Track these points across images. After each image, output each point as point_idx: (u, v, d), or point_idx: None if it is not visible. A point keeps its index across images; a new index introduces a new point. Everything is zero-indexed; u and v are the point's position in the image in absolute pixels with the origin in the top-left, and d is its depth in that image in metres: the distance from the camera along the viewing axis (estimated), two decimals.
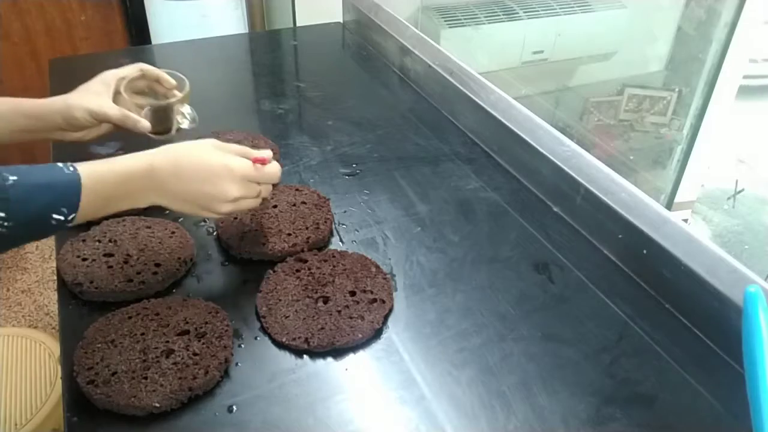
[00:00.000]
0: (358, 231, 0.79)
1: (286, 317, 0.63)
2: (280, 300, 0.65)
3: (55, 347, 1.17)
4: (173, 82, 0.80)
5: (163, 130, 0.79)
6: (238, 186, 0.61)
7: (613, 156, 2.13)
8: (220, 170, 0.60)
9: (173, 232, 0.73)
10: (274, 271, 0.69)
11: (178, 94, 0.80)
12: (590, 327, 0.66)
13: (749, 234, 2.18)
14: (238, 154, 0.62)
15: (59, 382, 1.09)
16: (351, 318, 0.63)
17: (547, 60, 2.03)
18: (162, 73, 0.79)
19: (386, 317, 0.65)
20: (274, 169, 0.64)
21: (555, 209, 0.84)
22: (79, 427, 0.54)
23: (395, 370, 0.60)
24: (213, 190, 0.60)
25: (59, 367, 0.71)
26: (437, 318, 0.66)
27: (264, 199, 0.66)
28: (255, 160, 0.62)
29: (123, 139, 0.94)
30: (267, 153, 0.64)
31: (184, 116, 0.79)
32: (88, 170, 0.55)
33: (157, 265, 0.68)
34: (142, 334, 0.60)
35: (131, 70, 0.79)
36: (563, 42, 2.00)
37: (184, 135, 0.77)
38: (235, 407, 0.56)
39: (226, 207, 0.61)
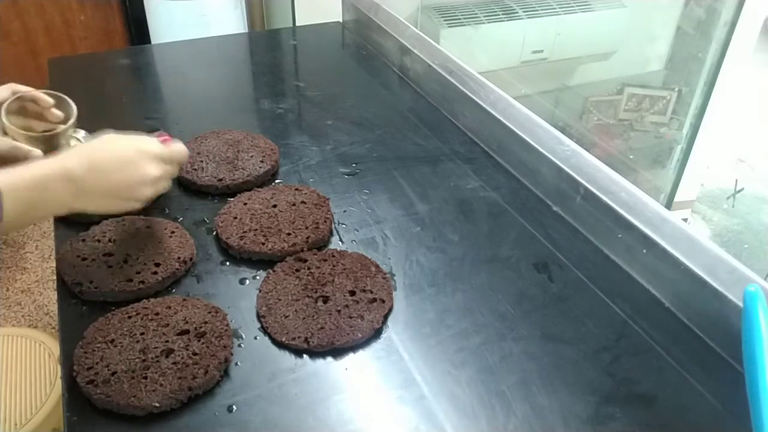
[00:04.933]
0: (357, 230, 0.79)
1: (286, 317, 0.63)
2: (279, 299, 0.65)
3: (54, 347, 1.17)
4: (50, 101, 0.74)
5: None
6: (156, 165, 0.62)
7: (613, 155, 2.13)
8: (136, 154, 0.61)
9: (173, 232, 0.73)
10: (273, 271, 0.69)
11: (58, 113, 0.75)
12: (590, 326, 0.66)
13: (749, 233, 2.17)
14: (141, 138, 0.63)
15: (59, 382, 1.09)
16: (351, 317, 0.63)
17: (547, 59, 2.03)
18: (38, 93, 0.74)
19: (386, 317, 0.65)
20: (181, 146, 0.66)
21: (555, 209, 0.84)
22: (79, 427, 0.54)
23: (395, 370, 0.60)
24: (135, 175, 0.61)
25: (59, 367, 0.71)
26: (437, 317, 0.66)
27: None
28: (160, 137, 0.64)
29: None
30: (164, 134, 0.65)
31: (77, 140, 0.76)
32: (3, 177, 0.54)
33: (157, 264, 0.68)
34: (142, 333, 0.60)
35: (4, 93, 0.73)
36: (563, 41, 2.00)
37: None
38: (234, 407, 0.56)
39: (149, 190, 0.62)
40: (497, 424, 0.55)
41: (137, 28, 1.92)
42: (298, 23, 1.69)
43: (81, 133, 0.77)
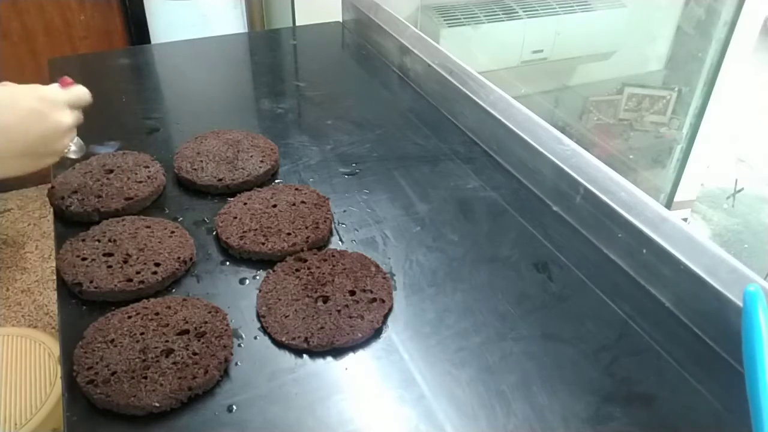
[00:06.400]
0: (357, 230, 0.79)
1: (286, 317, 0.63)
2: (279, 299, 0.65)
3: (54, 347, 1.17)
4: None
5: None
6: (67, 112, 0.57)
7: (613, 155, 2.13)
8: (43, 105, 0.55)
9: (173, 232, 0.73)
10: (273, 271, 0.69)
11: None
12: (590, 326, 0.66)
13: (749, 233, 2.17)
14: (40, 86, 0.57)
15: (59, 381, 1.09)
16: (351, 317, 0.63)
17: (547, 59, 2.03)
18: None
19: (386, 317, 0.65)
20: (83, 88, 0.60)
21: (555, 208, 0.84)
22: (79, 427, 0.54)
23: (395, 370, 0.60)
24: (48, 128, 0.55)
25: (59, 367, 0.72)
26: (437, 317, 0.66)
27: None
28: (62, 83, 0.58)
29: (123, 138, 0.94)
30: (66, 78, 0.59)
31: (70, 146, 0.72)
32: None
33: (157, 264, 0.68)
34: (142, 333, 0.60)
35: None
36: (563, 41, 2.00)
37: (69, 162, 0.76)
38: (234, 407, 0.56)
39: (65, 141, 0.57)
40: (497, 424, 0.55)
41: (137, 28, 1.92)
42: (298, 23, 1.69)
43: (75, 139, 0.74)
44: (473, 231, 0.79)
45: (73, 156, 0.74)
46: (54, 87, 0.57)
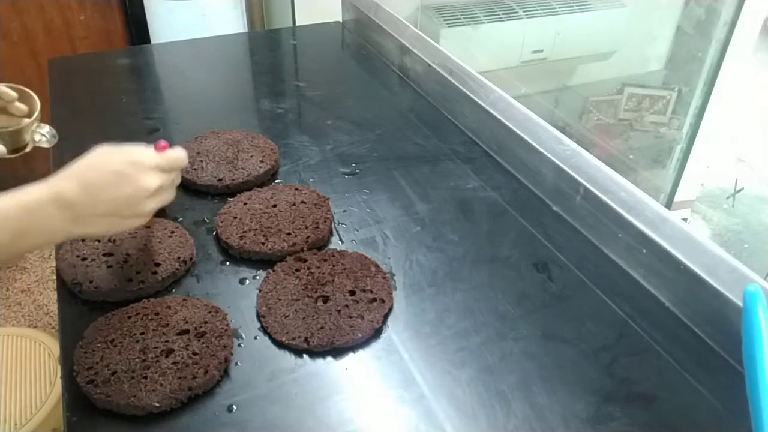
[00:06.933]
0: (357, 230, 0.79)
1: (286, 317, 0.63)
2: (279, 299, 0.65)
3: (54, 347, 1.17)
4: (13, 94, 0.72)
5: (18, 149, 0.73)
6: (154, 176, 0.57)
7: (613, 155, 2.13)
8: (130, 167, 0.56)
9: (173, 232, 0.73)
10: (273, 271, 0.69)
11: (22, 107, 0.73)
12: (590, 326, 0.66)
13: (749, 233, 2.17)
14: (135, 149, 0.59)
15: (59, 381, 1.09)
16: (351, 317, 0.63)
17: (547, 59, 2.03)
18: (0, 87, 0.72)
19: (386, 317, 0.65)
20: (179, 152, 0.61)
21: (554, 208, 0.84)
22: (79, 427, 0.54)
23: (395, 370, 0.60)
24: (132, 190, 0.56)
25: (59, 367, 0.72)
26: (437, 317, 0.66)
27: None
28: (158, 147, 0.60)
29: (123, 138, 0.94)
30: (162, 142, 0.61)
31: (42, 135, 0.73)
32: None
33: (157, 264, 0.68)
34: (142, 333, 0.60)
35: None
36: (563, 41, 2.00)
37: (43, 151, 0.75)
38: (234, 407, 0.56)
39: (150, 203, 0.58)
40: (497, 424, 0.55)
41: (137, 28, 1.91)
42: (298, 23, 1.69)
43: (45, 128, 0.74)
44: (473, 231, 0.79)
45: (45, 145, 0.73)
46: (147, 151, 0.59)
